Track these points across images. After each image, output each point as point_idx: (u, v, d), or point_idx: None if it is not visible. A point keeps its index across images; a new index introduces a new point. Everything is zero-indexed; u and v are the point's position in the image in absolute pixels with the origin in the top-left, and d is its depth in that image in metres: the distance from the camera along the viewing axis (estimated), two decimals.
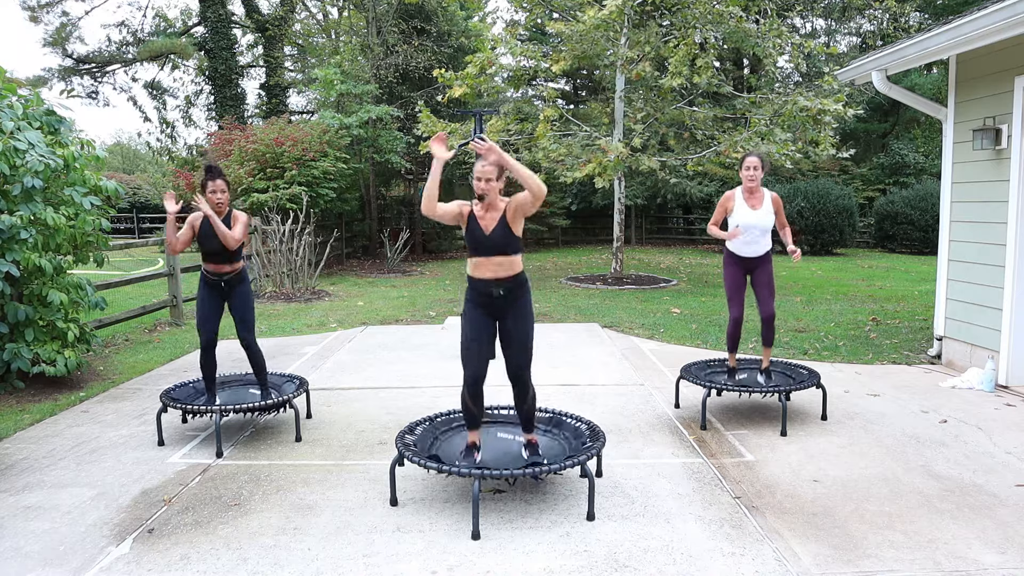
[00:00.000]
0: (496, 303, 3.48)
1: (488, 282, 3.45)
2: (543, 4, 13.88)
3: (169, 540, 3.22)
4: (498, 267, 3.43)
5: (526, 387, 3.59)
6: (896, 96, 6.72)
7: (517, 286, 3.50)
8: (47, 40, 23.99)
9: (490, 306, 3.50)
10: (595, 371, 6.24)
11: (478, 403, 3.58)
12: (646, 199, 22.55)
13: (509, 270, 3.45)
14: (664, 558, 3.02)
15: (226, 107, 21.33)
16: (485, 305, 3.50)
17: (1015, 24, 4.86)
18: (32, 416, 5.06)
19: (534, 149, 12.68)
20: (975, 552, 3.06)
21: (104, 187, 6.16)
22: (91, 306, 6.00)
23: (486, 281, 3.45)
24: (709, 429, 4.68)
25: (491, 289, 3.45)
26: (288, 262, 11.67)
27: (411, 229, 19.06)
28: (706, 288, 12.21)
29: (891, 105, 22.66)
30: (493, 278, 3.44)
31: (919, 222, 18.59)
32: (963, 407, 5.12)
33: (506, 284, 3.45)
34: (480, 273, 3.46)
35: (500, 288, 3.45)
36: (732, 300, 4.95)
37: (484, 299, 3.48)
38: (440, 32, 19.01)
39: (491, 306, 3.50)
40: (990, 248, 5.83)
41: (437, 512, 3.46)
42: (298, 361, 6.69)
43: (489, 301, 3.48)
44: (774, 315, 4.89)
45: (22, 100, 5.69)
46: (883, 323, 8.56)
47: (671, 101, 12.81)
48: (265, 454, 4.29)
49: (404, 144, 17.05)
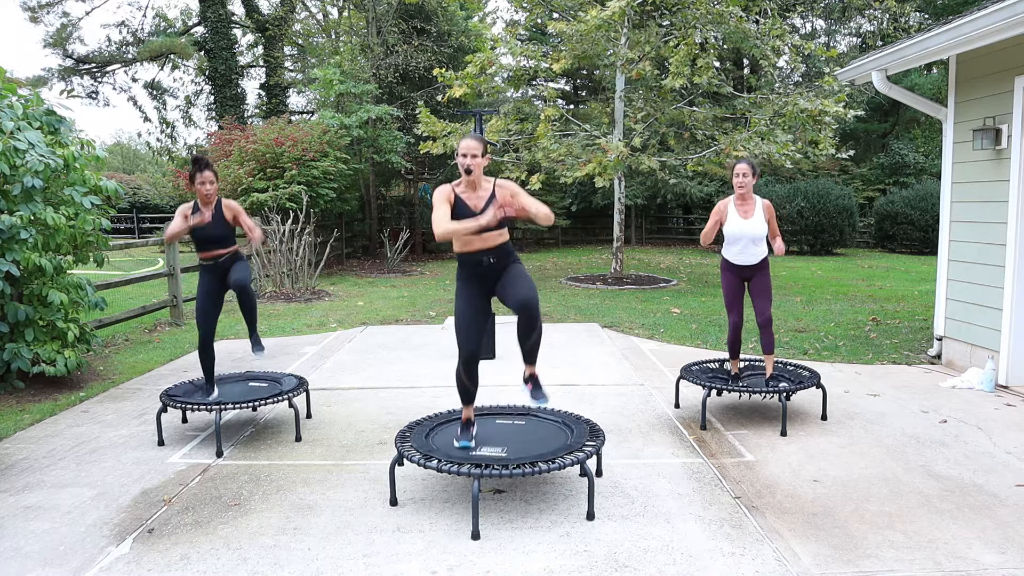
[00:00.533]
0: (487, 270, 3.55)
1: (478, 252, 3.52)
2: (543, 4, 13.88)
3: (169, 540, 3.22)
4: (486, 239, 3.51)
5: (534, 318, 3.45)
6: (896, 96, 6.72)
7: (505, 254, 3.58)
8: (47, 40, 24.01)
9: (481, 277, 3.57)
10: (595, 371, 6.24)
11: (473, 379, 3.63)
12: (646, 199, 22.55)
13: (498, 239, 3.54)
14: (664, 558, 3.02)
15: (226, 107, 21.33)
16: (477, 277, 3.57)
17: (1015, 24, 4.86)
18: (32, 416, 5.06)
19: (534, 149, 12.69)
20: (975, 552, 3.06)
21: (104, 187, 6.16)
22: (91, 306, 6.00)
23: (476, 252, 3.53)
24: (709, 429, 4.68)
25: (481, 258, 3.53)
26: (288, 262, 11.67)
27: (411, 229, 19.07)
28: (706, 288, 12.21)
29: (891, 105, 22.66)
30: (482, 248, 3.52)
31: (919, 222, 18.59)
32: (963, 407, 5.12)
33: (495, 251, 3.54)
34: (471, 247, 3.53)
35: (490, 255, 3.53)
36: (731, 307, 4.93)
37: (476, 270, 3.56)
38: (440, 32, 19.01)
39: (482, 276, 3.57)
40: (990, 248, 5.83)
41: (437, 512, 3.46)
42: (298, 361, 6.69)
43: (480, 271, 3.55)
44: (771, 320, 4.88)
45: (22, 100, 5.69)
46: (883, 323, 8.56)
47: (671, 101, 12.81)
48: (265, 454, 4.29)
49: (404, 144, 17.05)
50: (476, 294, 3.59)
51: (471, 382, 3.63)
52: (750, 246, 4.77)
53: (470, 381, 3.62)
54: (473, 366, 3.58)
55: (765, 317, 4.84)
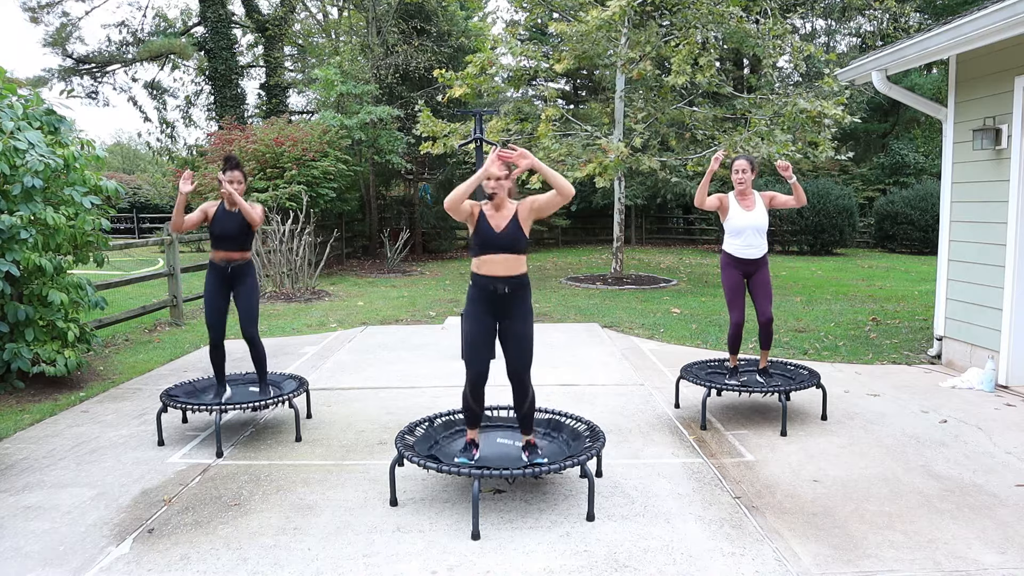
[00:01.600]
0: (499, 301, 3.51)
1: (495, 279, 3.48)
2: (543, 4, 13.88)
3: (169, 540, 3.22)
4: (506, 265, 3.48)
5: (526, 389, 3.60)
6: (896, 96, 6.72)
7: (520, 286, 3.53)
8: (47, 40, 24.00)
9: (493, 303, 3.52)
10: (595, 371, 6.24)
11: (479, 402, 3.60)
12: (646, 199, 22.55)
13: (515, 268, 3.50)
14: (664, 558, 3.02)
15: (226, 107, 21.33)
16: (488, 302, 3.53)
17: (1015, 24, 4.86)
18: (32, 416, 5.06)
19: (534, 149, 12.69)
20: (975, 552, 3.06)
21: (104, 187, 6.16)
22: (91, 306, 6.00)
23: (492, 278, 3.48)
24: (709, 429, 4.68)
25: (496, 286, 3.48)
26: (288, 262, 11.67)
27: (411, 229, 19.06)
28: (706, 288, 12.21)
29: (891, 105, 22.67)
30: (500, 275, 3.48)
31: (919, 222, 18.59)
32: (963, 407, 5.12)
33: (511, 282, 3.49)
34: (487, 270, 3.50)
35: (505, 286, 3.48)
36: (732, 305, 4.91)
37: (488, 296, 3.51)
38: (440, 32, 19.01)
39: (494, 304, 3.52)
40: (990, 248, 5.83)
41: (437, 512, 3.46)
42: (298, 361, 6.69)
43: (492, 298, 3.51)
44: (772, 319, 4.89)
45: (22, 100, 5.69)
46: (883, 323, 8.56)
47: (671, 101, 12.80)
48: (265, 454, 4.29)
49: (404, 144, 17.05)
50: (484, 317, 3.55)
51: (477, 404, 3.60)
52: (754, 237, 4.77)
53: (476, 403, 3.59)
54: (480, 387, 3.56)
55: (766, 317, 4.84)
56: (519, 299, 3.53)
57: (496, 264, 3.47)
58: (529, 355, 3.56)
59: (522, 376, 3.56)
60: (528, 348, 3.55)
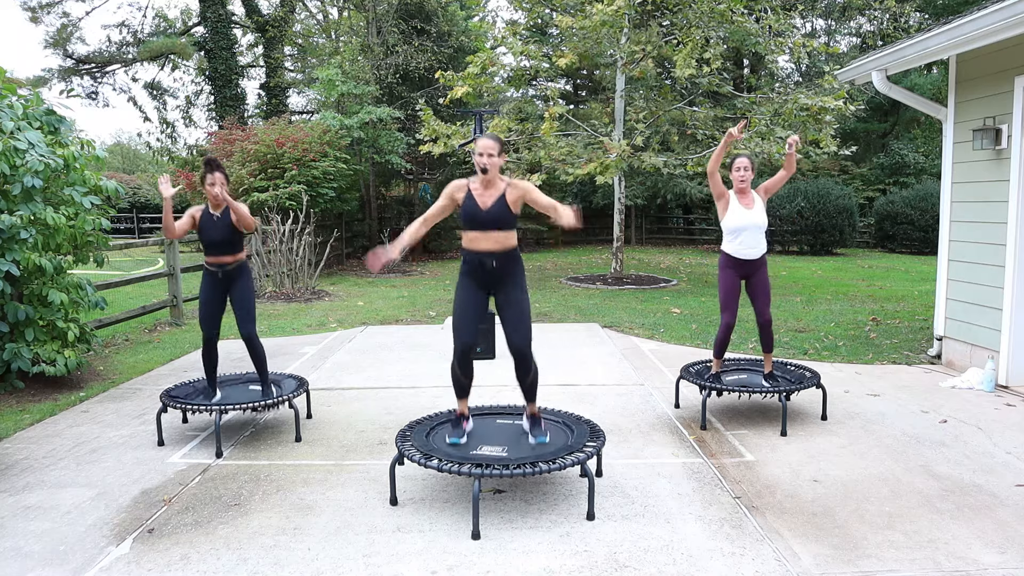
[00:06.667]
0: (489, 274, 3.57)
1: (482, 253, 3.55)
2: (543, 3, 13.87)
3: (169, 540, 3.22)
4: (494, 240, 3.54)
5: (528, 364, 3.63)
6: (896, 96, 6.72)
7: (510, 260, 3.59)
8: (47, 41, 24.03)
9: (483, 276, 3.59)
10: (595, 371, 6.24)
11: (467, 373, 3.65)
12: (646, 199, 22.54)
13: (504, 243, 3.56)
14: (664, 558, 3.02)
15: (226, 107, 21.34)
16: (478, 275, 3.59)
17: (1015, 24, 4.86)
18: (32, 416, 5.06)
19: (535, 148, 12.68)
20: (975, 552, 3.06)
21: (104, 187, 6.16)
22: (91, 306, 6.00)
23: (480, 252, 3.55)
24: (709, 429, 4.68)
25: (484, 259, 3.55)
26: (288, 262, 11.67)
27: None
28: (706, 288, 12.21)
29: (891, 105, 22.65)
30: (488, 250, 3.54)
31: (919, 222, 18.58)
32: (963, 407, 5.12)
33: (499, 256, 3.55)
34: (475, 246, 3.56)
35: (493, 259, 3.55)
36: (726, 306, 4.83)
37: (477, 269, 3.58)
38: (440, 32, 19.00)
39: (484, 277, 3.59)
40: (990, 248, 5.83)
41: (437, 512, 3.46)
42: (298, 361, 6.69)
43: (482, 272, 3.58)
44: (771, 321, 4.87)
45: (22, 100, 5.69)
46: (883, 323, 8.56)
47: (672, 100, 12.80)
48: (265, 454, 4.29)
49: (404, 145, 17.06)
50: (474, 289, 3.63)
51: (465, 374, 3.65)
52: (755, 235, 4.76)
53: (464, 373, 3.64)
54: (467, 358, 3.61)
55: (765, 318, 4.83)
56: (510, 271, 3.60)
57: (484, 240, 3.54)
58: (528, 327, 3.60)
59: (524, 351, 3.59)
60: (525, 320, 3.59)
